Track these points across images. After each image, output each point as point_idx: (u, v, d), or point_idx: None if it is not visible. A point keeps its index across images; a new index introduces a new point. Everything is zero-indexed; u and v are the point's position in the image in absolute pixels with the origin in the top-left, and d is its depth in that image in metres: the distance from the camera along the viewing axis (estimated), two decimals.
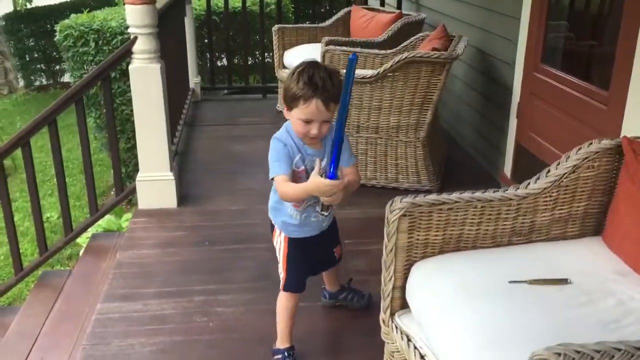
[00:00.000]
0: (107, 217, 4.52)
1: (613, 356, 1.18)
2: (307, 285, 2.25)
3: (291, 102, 1.92)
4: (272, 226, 2.21)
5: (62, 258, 5.35)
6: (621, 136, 1.95)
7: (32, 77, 10.73)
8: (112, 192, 6.46)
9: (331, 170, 1.88)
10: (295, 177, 2.00)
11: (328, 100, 1.88)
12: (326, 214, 2.07)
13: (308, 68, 1.91)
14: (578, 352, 1.18)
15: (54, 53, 10.41)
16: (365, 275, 2.85)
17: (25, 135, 3.26)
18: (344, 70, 1.85)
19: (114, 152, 3.59)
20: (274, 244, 2.21)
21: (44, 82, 10.84)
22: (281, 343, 2.23)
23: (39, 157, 7.10)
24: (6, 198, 3.37)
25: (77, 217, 5.62)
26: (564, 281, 1.72)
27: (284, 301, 2.22)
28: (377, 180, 3.73)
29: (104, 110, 5.59)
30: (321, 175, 1.91)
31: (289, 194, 1.97)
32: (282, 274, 2.19)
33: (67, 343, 2.73)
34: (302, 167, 2.02)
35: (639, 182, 1.81)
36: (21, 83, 10.88)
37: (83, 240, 4.65)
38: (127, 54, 3.26)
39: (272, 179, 1.99)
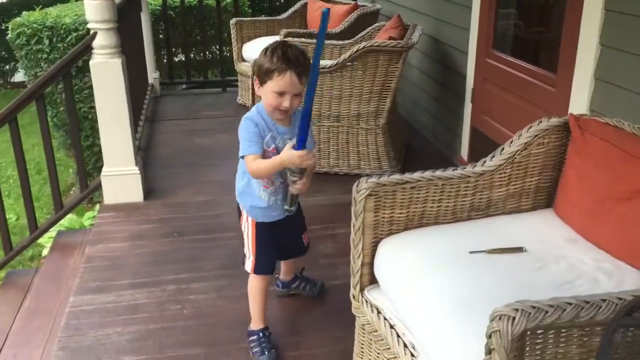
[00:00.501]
0: (69, 216, 4.49)
1: (565, 309, 1.30)
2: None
3: (265, 75, 1.98)
4: (239, 211, 2.26)
5: (24, 259, 5.28)
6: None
7: None
8: (72, 191, 6.41)
9: (301, 141, 1.97)
10: (266, 156, 2.05)
11: (301, 73, 1.98)
12: (293, 209, 2.18)
13: (281, 45, 2.00)
14: (534, 307, 1.30)
15: (4, 52, 10.15)
16: (333, 259, 2.95)
17: None
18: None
19: (77, 148, 3.58)
20: (242, 228, 2.26)
21: None
22: (255, 324, 2.29)
23: None
24: None
25: (37, 218, 5.55)
26: (519, 249, 1.84)
27: (254, 283, 2.27)
28: (340, 167, 3.83)
29: (61, 109, 5.56)
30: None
31: (260, 169, 2.03)
32: (250, 257, 2.24)
33: (39, 338, 2.74)
34: (273, 146, 2.07)
35: (586, 156, 1.95)
36: None
37: (45, 240, 4.61)
38: (87, 50, 3.27)
39: (242, 157, 2.05)
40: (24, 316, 3.01)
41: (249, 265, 2.25)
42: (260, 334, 2.27)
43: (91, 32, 3.24)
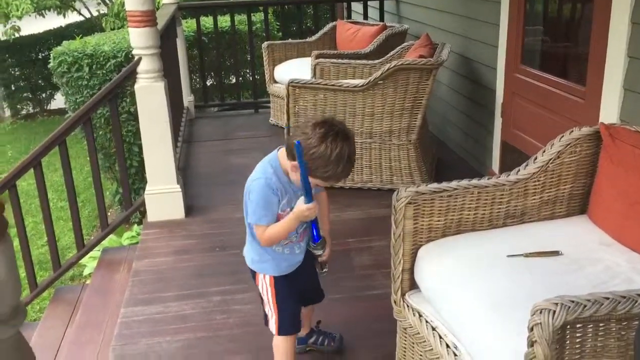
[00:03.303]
0: (109, 236, 4.67)
1: (602, 303, 1.38)
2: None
3: (319, 177, 1.85)
4: (253, 272, 2.11)
5: (65, 279, 5.46)
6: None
7: (18, 106, 10.81)
8: (110, 213, 6.60)
9: (308, 193, 1.85)
10: (279, 219, 1.94)
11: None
12: (326, 270, 2.12)
13: (349, 155, 1.84)
14: (573, 301, 1.38)
15: (40, 81, 10.54)
16: (371, 270, 3.04)
17: (38, 156, 3.42)
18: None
19: (122, 168, 3.75)
20: (258, 287, 2.10)
21: (31, 110, 10.93)
22: None
23: (33, 183, 7.22)
24: (20, 219, 3.52)
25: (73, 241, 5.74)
26: (555, 253, 1.92)
27: (281, 344, 2.08)
28: (373, 182, 3.93)
29: (100, 132, 5.78)
30: None
31: (274, 237, 1.92)
32: (273, 317, 2.06)
33: (91, 348, 2.87)
34: (288, 209, 1.94)
35: (618, 162, 2.02)
36: (8, 112, 10.97)
37: (85, 260, 4.77)
38: (132, 75, 3.44)
39: (251, 224, 1.94)
40: (75, 329, 3.15)
41: (272, 325, 2.08)
42: None
43: (135, 57, 3.42)
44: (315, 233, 1.97)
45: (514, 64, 3.58)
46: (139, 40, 3.34)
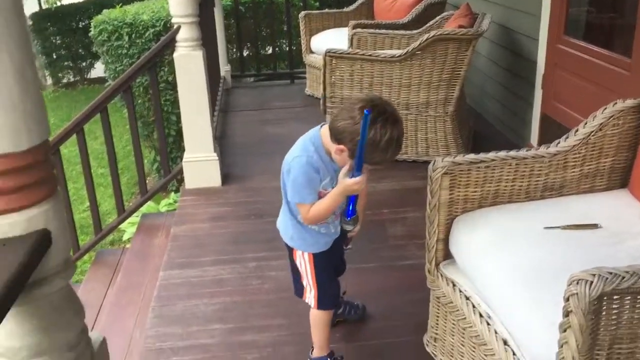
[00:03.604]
0: (147, 203, 4.77)
1: None
2: None
3: (368, 158, 1.76)
4: (290, 247, 2.08)
5: (105, 244, 5.63)
6: None
7: (59, 75, 11.02)
8: (148, 180, 6.74)
9: (359, 167, 1.79)
10: (321, 197, 1.90)
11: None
12: (350, 247, 2.14)
13: (393, 132, 1.76)
14: (611, 272, 1.37)
15: (80, 50, 10.72)
16: (404, 240, 3.05)
17: (80, 123, 3.50)
18: None
19: (161, 136, 3.81)
20: (296, 262, 2.08)
21: (72, 79, 11.14)
22: (319, 352, 2.16)
23: (74, 150, 7.39)
24: (63, 185, 3.63)
25: (113, 206, 5.87)
26: (594, 226, 1.90)
27: (319, 316, 2.09)
28: (409, 154, 3.92)
29: (139, 101, 5.87)
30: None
31: (320, 214, 1.88)
32: (312, 291, 2.06)
33: (131, 309, 2.97)
34: (329, 189, 1.90)
35: None
36: (49, 81, 11.20)
37: (124, 226, 4.90)
38: (171, 43, 3.48)
39: (295, 203, 1.91)
40: (116, 291, 3.26)
41: (310, 299, 2.07)
42: (329, 359, 2.16)
43: (174, 26, 3.45)
44: (351, 208, 1.92)
45: (556, 34, 3.49)
46: (178, 8, 3.37)
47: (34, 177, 0.93)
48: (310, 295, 2.07)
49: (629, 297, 1.39)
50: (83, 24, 10.47)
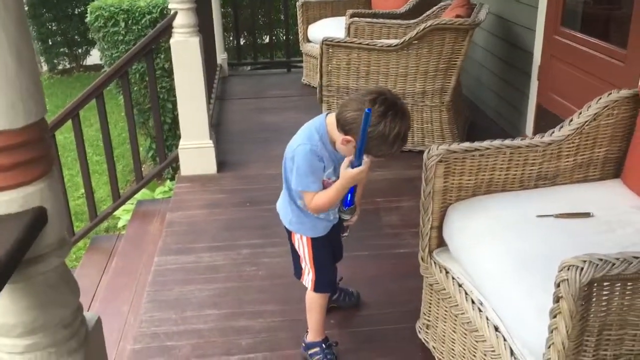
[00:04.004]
0: (143, 190, 4.77)
1: (631, 262, 1.38)
2: None
3: (373, 154, 1.81)
4: (289, 230, 2.11)
5: (100, 230, 5.63)
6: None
7: (55, 61, 10.95)
8: (143, 168, 6.73)
9: (358, 159, 1.81)
10: (325, 186, 1.92)
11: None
12: (347, 234, 2.16)
13: (404, 130, 1.79)
14: (601, 259, 1.38)
15: (77, 36, 10.65)
16: (399, 229, 3.07)
17: (75, 108, 3.49)
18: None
19: (157, 122, 3.81)
20: (295, 245, 2.11)
21: (67, 65, 11.08)
22: (314, 336, 2.17)
23: (69, 136, 7.37)
24: (60, 172, 3.62)
25: (108, 193, 5.87)
26: (586, 214, 1.91)
27: (316, 299, 2.11)
28: None
29: (135, 88, 5.85)
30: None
31: (325, 203, 1.89)
32: (310, 274, 2.08)
33: (126, 294, 2.98)
34: (334, 178, 1.91)
35: None
36: (45, 67, 11.14)
37: (119, 213, 4.90)
38: (167, 29, 3.47)
39: (299, 191, 1.91)
40: (110, 276, 3.27)
41: (308, 281, 2.10)
42: (323, 345, 2.16)
43: (171, 12, 3.44)
44: (349, 198, 1.94)
45: (553, 25, 3.49)
46: None
47: (30, 155, 0.93)
48: (308, 278, 2.09)
49: (618, 284, 1.41)
50: (79, 10, 10.41)
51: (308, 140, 1.87)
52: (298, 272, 2.18)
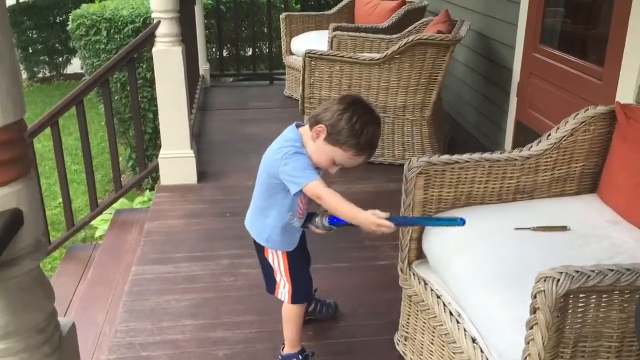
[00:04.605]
0: (121, 200, 4.72)
1: (606, 274, 1.40)
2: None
3: (340, 143, 1.83)
4: (259, 246, 2.07)
5: (77, 240, 5.55)
6: None
7: (35, 69, 10.85)
8: (122, 178, 6.67)
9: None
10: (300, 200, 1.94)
11: (370, 157, 1.93)
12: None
13: (372, 124, 1.85)
14: (577, 271, 1.40)
15: (57, 45, 10.57)
16: (378, 241, 3.06)
17: (55, 115, 3.46)
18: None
19: (137, 131, 3.78)
20: (269, 260, 2.07)
21: (47, 73, 10.98)
22: (291, 347, 2.16)
23: (48, 144, 7.28)
24: (38, 180, 3.57)
25: (85, 203, 5.80)
26: (563, 228, 1.94)
27: (293, 310, 2.10)
28: (385, 157, 3.95)
29: (115, 97, 5.81)
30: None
31: (336, 208, 1.83)
32: (286, 287, 2.06)
33: (102, 304, 2.94)
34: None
35: (631, 142, 2.03)
36: (24, 75, 11.02)
37: (97, 222, 4.85)
38: (150, 38, 3.46)
39: (302, 185, 1.83)
40: (86, 285, 3.22)
41: (284, 294, 2.07)
42: (300, 356, 2.15)
43: (154, 21, 3.43)
44: (342, 223, 1.90)
45: (532, 43, 3.55)
46: (159, 3, 3.36)
47: (7, 155, 0.92)
48: (285, 290, 2.08)
49: (594, 296, 1.43)
50: (60, 18, 10.35)
51: (292, 145, 1.88)
52: (271, 286, 2.14)
